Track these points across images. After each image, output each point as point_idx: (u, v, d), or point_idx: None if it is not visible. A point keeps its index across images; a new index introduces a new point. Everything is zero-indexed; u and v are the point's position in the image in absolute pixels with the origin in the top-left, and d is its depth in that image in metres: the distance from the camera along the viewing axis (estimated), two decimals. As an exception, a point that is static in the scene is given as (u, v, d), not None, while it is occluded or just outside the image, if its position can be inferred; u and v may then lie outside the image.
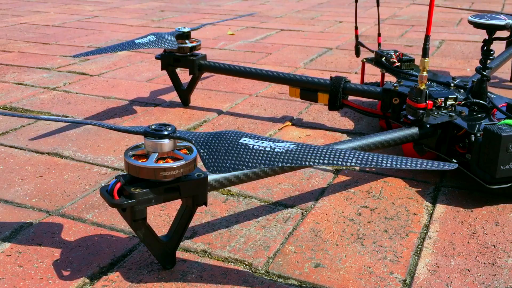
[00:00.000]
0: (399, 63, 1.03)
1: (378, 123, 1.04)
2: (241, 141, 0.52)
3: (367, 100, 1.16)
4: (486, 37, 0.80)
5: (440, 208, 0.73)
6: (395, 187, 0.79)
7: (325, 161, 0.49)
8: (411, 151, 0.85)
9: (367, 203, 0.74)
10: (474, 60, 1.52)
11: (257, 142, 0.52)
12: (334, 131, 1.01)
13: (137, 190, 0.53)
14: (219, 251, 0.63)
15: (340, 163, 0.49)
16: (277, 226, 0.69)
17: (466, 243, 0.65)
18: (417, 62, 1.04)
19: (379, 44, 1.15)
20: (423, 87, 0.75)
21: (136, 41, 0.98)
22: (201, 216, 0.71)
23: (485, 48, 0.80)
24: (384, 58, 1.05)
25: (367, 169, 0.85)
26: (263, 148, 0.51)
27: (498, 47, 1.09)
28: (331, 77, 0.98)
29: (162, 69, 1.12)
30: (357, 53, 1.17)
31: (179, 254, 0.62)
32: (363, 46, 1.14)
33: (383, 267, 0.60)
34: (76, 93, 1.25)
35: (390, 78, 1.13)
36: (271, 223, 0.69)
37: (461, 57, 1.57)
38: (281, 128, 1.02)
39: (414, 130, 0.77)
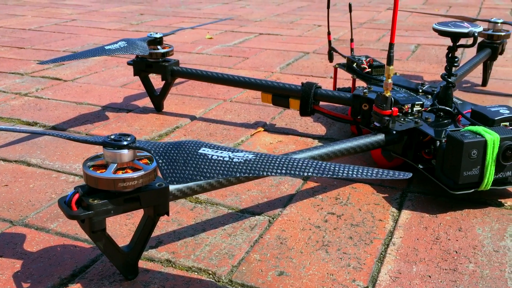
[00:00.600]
0: (370, 69, 1.04)
1: (350, 129, 1.05)
2: (200, 151, 0.52)
3: (341, 105, 1.17)
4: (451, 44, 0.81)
5: (405, 214, 0.73)
6: (363, 193, 0.79)
7: (282, 171, 0.49)
8: (379, 156, 0.86)
9: (334, 210, 0.74)
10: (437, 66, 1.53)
11: (216, 152, 0.52)
12: (306, 136, 1.01)
13: (96, 201, 0.52)
14: (183, 260, 0.63)
15: (297, 173, 0.49)
16: (243, 234, 0.69)
17: (429, 249, 0.65)
18: (395, 66, 1.05)
19: (351, 50, 1.16)
20: (388, 94, 0.76)
21: (106, 47, 0.98)
22: (167, 224, 0.70)
23: (449, 55, 0.81)
24: (355, 64, 1.06)
25: (336, 175, 0.85)
26: (221, 158, 0.51)
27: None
28: (302, 83, 0.99)
29: (135, 75, 1.11)
30: (330, 59, 1.18)
31: (143, 264, 0.62)
32: (336, 51, 1.15)
33: (346, 274, 0.60)
34: (48, 99, 1.23)
35: (364, 84, 1.14)
36: (237, 231, 0.69)
37: (436, 61, 1.59)
38: (253, 134, 1.02)
39: (380, 136, 0.78)
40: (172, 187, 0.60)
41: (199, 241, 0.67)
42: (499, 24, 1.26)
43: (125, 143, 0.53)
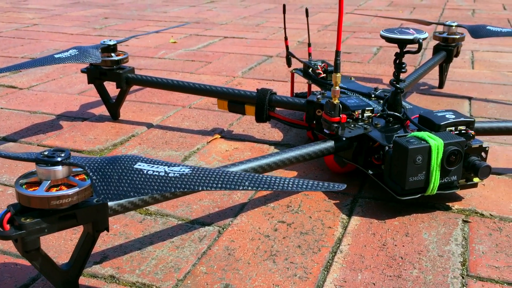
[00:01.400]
0: (325, 74, 1.04)
1: (306, 134, 1.05)
2: (135, 166, 0.51)
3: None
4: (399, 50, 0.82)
5: (355, 220, 0.74)
6: (314, 200, 0.79)
7: (218, 186, 0.49)
8: (332, 163, 0.87)
9: (285, 218, 0.74)
10: (408, 67, 1.55)
11: (152, 167, 0.51)
12: (262, 143, 1.01)
13: (28, 220, 0.51)
14: (128, 275, 0.62)
15: (232, 187, 0.49)
16: (191, 246, 0.68)
17: (375, 255, 0.66)
18: (356, 68, 1.06)
19: (309, 54, 1.16)
20: (336, 101, 0.76)
21: (56, 56, 0.95)
22: (114, 238, 0.69)
23: (397, 61, 0.82)
24: (311, 69, 1.07)
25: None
26: (157, 173, 0.50)
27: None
28: (257, 90, 0.99)
29: (89, 83, 1.09)
30: (289, 63, 1.18)
31: (85, 281, 0.61)
32: (293, 56, 1.15)
33: (291, 284, 0.60)
34: (1, 108, 1.20)
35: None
36: (185, 243, 0.68)
37: (396, 63, 1.61)
38: (209, 142, 1.01)
39: (330, 143, 0.78)
40: (112, 202, 0.59)
41: (145, 254, 0.66)
42: (453, 27, 1.28)
43: (58, 159, 0.52)
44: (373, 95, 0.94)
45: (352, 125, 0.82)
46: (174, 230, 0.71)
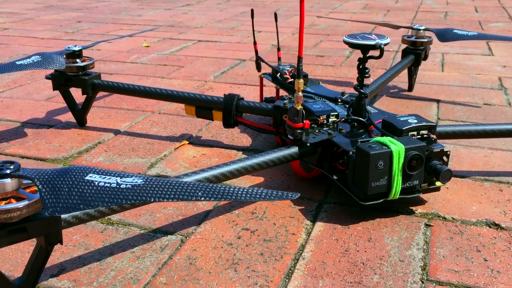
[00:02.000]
0: (293, 79, 1.04)
1: (275, 139, 1.05)
2: (87, 178, 0.50)
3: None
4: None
5: (318, 226, 0.74)
6: (280, 206, 0.79)
7: (171, 197, 0.48)
8: (298, 168, 0.86)
9: (249, 225, 0.74)
10: (379, 70, 1.57)
11: (104, 178, 0.50)
12: (231, 148, 1.01)
13: (-26, 235, 0.49)
14: (85, 288, 0.60)
15: (185, 197, 0.48)
16: (152, 256, 0.67)
17: (337, 262, 0.66)
18: (328, 72, 1.06)
19: (279, 59, 1.16)
20: (299, 107, 0.76)
21: (18, 63, 0.93)
22: (73, 249, 0.68)
23: (360, 66, 0.82)
24: (279, 73, 1.06)
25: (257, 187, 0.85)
26: (108, 185, 0.49)
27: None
28: (224, 95, 0.98)
29: (54, 89, 1.07)
30: (258, 68, 1.17)
31: (41, 294, 0.59)
32: (263, 61, 1.15)
33: (252, 293, 0.60)
34: (-35, 116, 1.17)
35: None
36: (146, 252, 0.67)
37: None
38: (177, 148, 1.00)
39: (294, 149, 0.78)
40: (65, 214, 0.58)
41: (104, 266, 0.65)
42: (421, 31, 1.29)
43: (7, 171, 0.51)
44: (339, 100, 0.95)
45: (316, 131, 0.82)
46: (135, 240, 0.70)
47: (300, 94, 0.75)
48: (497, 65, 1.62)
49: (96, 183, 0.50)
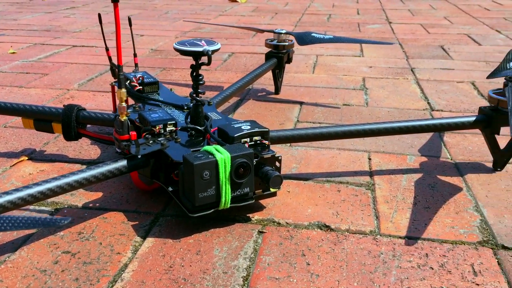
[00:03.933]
0: (142, 87, 1.00)
1: (126, 149, 1.00)
2: None
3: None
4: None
5: (148, 242, 0.70)
6: (112, 223, 0.75)
7: None
8: (138, 181, 0.82)
9: (71, 247, 0.68)
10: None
11: None
12: (74, 162, 0.94)
13: None
14: None
15: None
16: None
17: (158, 280, 0.63)
18: (218, 76, 1.03)
19: (135, 65, 1.11)
20: (123, 118, 0.72)
21: None
22: None
23: (194, 74, 0.80)
24: (128, 81, 1.02)
25: (90, 205, 0.79)
26: None
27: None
28: (64, 105, 0.92)
29: None
30: (114, 75, 1.12)
31: None
32: (115, 67, 1.09)
33: (54, 325, 0.55)
34: None
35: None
36: None
37: (242, 70, 1.62)
38: (13, 165, 0.92)
39: (122, 163, 0.74)
40: None
41: None
42: (283, 35, 1.31)
43: None
44: (185, 107, 0.92)
45: (151, 141, 0.78)
46: None
47: (124, 104, 0.72)
48: (364, 65, 1.69)
49: None
